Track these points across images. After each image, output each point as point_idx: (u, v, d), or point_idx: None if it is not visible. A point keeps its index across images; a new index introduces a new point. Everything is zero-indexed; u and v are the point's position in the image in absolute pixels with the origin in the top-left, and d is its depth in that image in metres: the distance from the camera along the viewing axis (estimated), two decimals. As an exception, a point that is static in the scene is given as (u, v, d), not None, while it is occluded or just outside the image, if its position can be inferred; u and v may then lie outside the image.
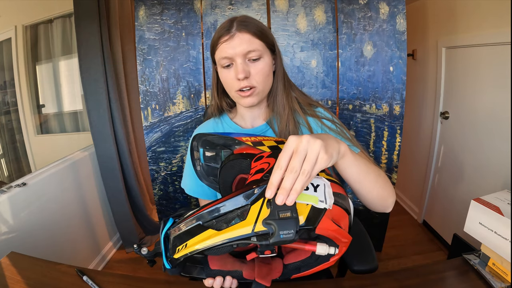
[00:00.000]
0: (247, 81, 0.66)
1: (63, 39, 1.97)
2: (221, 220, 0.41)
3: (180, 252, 0.42)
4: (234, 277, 0.51)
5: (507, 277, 0.59)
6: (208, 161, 0.63)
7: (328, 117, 0.74)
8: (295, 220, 0.37)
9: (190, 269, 0.51)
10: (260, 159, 0.50)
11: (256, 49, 0.65)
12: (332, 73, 1.41)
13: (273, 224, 0.37)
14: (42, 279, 0.67)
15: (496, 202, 0.62)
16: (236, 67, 0.65)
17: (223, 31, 0.65)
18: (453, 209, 1.71)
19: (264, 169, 0.46)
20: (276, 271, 0.52)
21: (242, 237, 0.39)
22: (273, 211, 0.38)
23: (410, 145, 2.21)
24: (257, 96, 0.69)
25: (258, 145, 0.55)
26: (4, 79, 1.98)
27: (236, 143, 0.58)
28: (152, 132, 1.48)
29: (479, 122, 1.50)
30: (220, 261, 0.51)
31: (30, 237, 1.24)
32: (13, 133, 2.08)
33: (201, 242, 0.40)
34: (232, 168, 0.55)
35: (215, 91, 0.78)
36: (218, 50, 0.66)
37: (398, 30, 1.35)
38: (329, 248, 0.43)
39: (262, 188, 0.42)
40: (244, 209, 0.41)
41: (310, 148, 0.39)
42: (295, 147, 0.40)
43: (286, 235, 0.37)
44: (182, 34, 1.39)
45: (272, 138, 0.59)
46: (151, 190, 2.06)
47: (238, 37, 0.64)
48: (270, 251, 0.43)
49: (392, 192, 0.60)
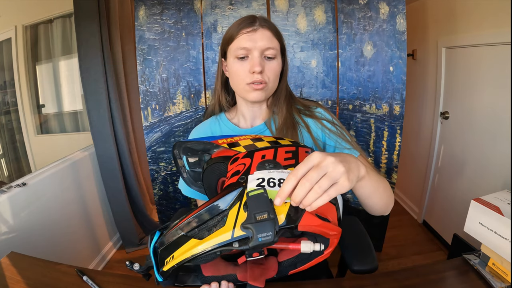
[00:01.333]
0: (260, 75, 0.66)
1: (63, 39, 1.97)
2: (203, 228, 0.41)
3: (168, 264, 0.41)
4: (229, 281, 0.50)
5: (507, 277, 0.59)
6: (193, 167, 0.63)
7: (328, 118, 0.74)
8: (273, 221, 0.36)
9: (183, 278, 0.51)
10: (235, 160, 0.49)
11: (274, 47, 0.67)
12: (332, 73, 1.41)
13: (250, 228, 0.36)
14: (42, 279, 0.67)
15: (496, 202, 0.62)
16: (252, 60, 0.66)
17: (245, 23, 0.66)
18: (453, 209, 1.71)
19: (240, 171, 0.46)
20: (271, 270, 0.51)
21: (223, 243, 0.38)
22: (250, 214, 0.37)
23: (410, 145, 2.21)
24: (266, 92, 0.70)
25: (234, 146, 0.55)
26: (4, 79, 1.98)
27: (214, 147, 0.58)
28: (152, 132, 1.48)
29: (479, 122, 1.50)
30: (213, 267, 0.51)
31: (30, 237, 1.24)
32: (13, 133, 2.08)
33: (186, 252, 0.40)
34: (213, 172, 0.55)
35: (219, 86, 0.78)
36: (237, 40, 0.67)
37: (398, 30, 1.35)
38: (314, 245, 0.42)
39: (237, 192, 0.41)
40: (223, 215, 0.40)
41: (334, 169, 0.38)
42: (317, 162, 0.38)
43: (264, 237, 0.36)
44: (182, 34, 1.39)
45: (249, 136, 0.58)
46: (151, 190, 2.06)
47: (261, 32, 0.66)
48: (258, 253, 0.42)
49: (393, 198, 0.61)
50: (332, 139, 0.71)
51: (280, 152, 0.50)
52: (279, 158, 0.48)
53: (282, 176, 0.43)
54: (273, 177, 0.42)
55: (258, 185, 0.41)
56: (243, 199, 0.40)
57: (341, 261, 0.87)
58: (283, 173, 0.43)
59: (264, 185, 0.41)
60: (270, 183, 0.41)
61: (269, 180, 0.42)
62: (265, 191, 0.39)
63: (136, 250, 1.86)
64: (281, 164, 0.46)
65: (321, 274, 0.85)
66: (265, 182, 0.41)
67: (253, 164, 0.46)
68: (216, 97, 0.79)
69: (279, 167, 0.45)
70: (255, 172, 0.44)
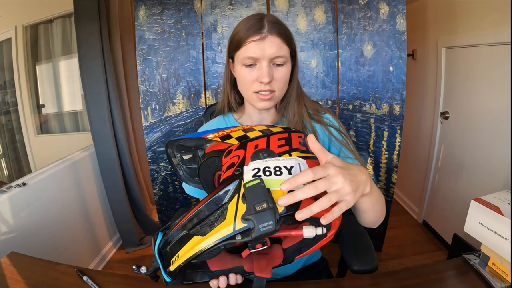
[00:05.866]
0: (269, 85, 0.64)
1: (63, 39, 1.97)
2: (205, 224, 0.41)
3: (174, 264, 0.41)
4: (236, 273, 0.50)
5: (507, 277, 0.59)
6: (188, 164, 0.63)
7: (335, 125, 0.73)
8: (272, 210, 0.36)
9: (191, 276, 0.51)
10: (229, 153, 0.49)
11: (283, 55, 0.64)
12: (332, 73, 1.41)
13: (251, 219, 0.36)
14: (42, 279, 0.67)
15: (496, 202, 0.62)
16: (261, 70, 0.63)
17: (253, 30, 0.62)
18: (453, 209, 1.71)
19: (234, 163, 0.45)
20: (276, 258, 0.51)
21: (226, 237, 0.38)
22: (249, 205, 0.37)
23: (410, 145, 2.21)
24: (274, 101, 0.68)
25: (226, 138, 0.55)
26: (4, 79, 1.98)
27: (206, 142, 0.57)
28: (152, 132, 1.48)
29: (479, 122, 1.50)
30: (219, 261, 0.51)
31: (30, 237, 1.24)
32: (13, 133, 2.08)
33: (190, 250, 0.40)
34: (208, 167, 0.55)
35: (227, 86, 0.76)
36: (244, 48, 0.63)
37: (398, 30, 1.35)
38: (316, 229, 0.41)
39: (235, 184, 0.41)
40: (223, 209, 0.40)
41: (343, 186, 0.39)
42: (333, 174, 0.40)
43: (266, 227, 0.36)
44: (182, 34, 1.39)
45: (240, 128, 0.58)
46: (151, 190, 2.06)
47: (270, 40, 0.62)
48: (260, 244, 0.42)
49: (384, 215, 0.60)
50: (337, 147, 0.71)
51: (273, 140, 0.49)
52: (272, 146, 0.48)
53: (277, 164, 0.42)
54: (268, 165, 0.42)
55: (254, 175, 0.41)
56: (240, 191, 0.40)
57: (341, 261, 0.87)
58: (278, 160, 0.43)
59: (260, 174, 0.41)
60: (266, 172, 0.41)
61: (265, 169, 0.42)
62: (262, 180, 0.39)
63: (136, 250, 1.86)
64: (275, 152, 0.46)
65: (321, 274, 0.85)
66: (261, 172, 0.41)
67: (247, 154, 0.46)
68: (226, 97, 0.78)
69: (273, 155, 0.45)
70: (249, 162, 0.44)
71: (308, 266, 0.86)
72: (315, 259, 0.88)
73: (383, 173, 1.52)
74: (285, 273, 0.81)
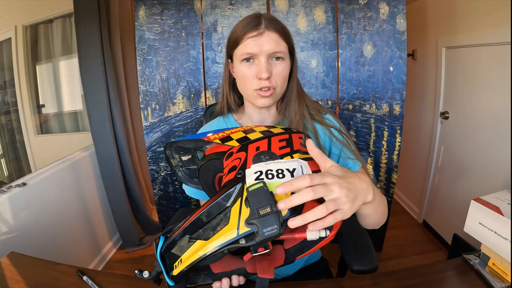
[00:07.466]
0: (268, 81, 0.64)
1: (63, 39, 1.97)
2: (207, 228, 0.40)
3: (177, 268, 0.41)
4: (239, 274, 0.50)
5: (507, 277, 0.59)
6: (187, 165, 0.63)
7: (336, 126, 0.73)
8: (276, 214, 0.36)
9: (194, 279, 0.51)
10: (230, 156, 0.49)
11: (281, 51, 0.64)
12: (332, 73, 1.41)
13: (255, 223, 0.36)
14: (42, 279, 0.67)
15: (496, 202, 0.62)
16: (259, 65, 0.63)
17: (250, 26, 0.62)
18: (453, 209, 1.71)
19: (236, 166, 0.45)
20: (278, 258, 0.51)
21: (230, 241, 0.38)
22: (252, 209, 0.37)
23: (410, 145, 2.21)
24: (274, 97, 0.68)
25: (226, 140, 0.54)
26: (4, 79, 1.98)
27: (206, 143, 0.57)
28: (152, 132, 1.48)
29: (479, 122, 1.50)
30: (221, 263, 0.51)
31: (30, 237, 1.24)
32: (13, 133, 2.08)
33: (193, 254, 0.39)
34: (208, 169, 0.55)
35: (226, 87, 0.76)
36: (242, 45, 0.63)
37: (398, 30, 1.35)
38: (319, 232, 0.41)
39: (237, 188, 0.40)
40: (226, 212, 0.40)
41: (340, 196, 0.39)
42: (332, 183, 0.39)
43: (270, 231, 0.36)
44: (182, 34, 1.39)
45: (240, 129, 0.58)
46: (151, 190, 2.06)
47: (267, 35, 0.62)
48: (263, 248, 0.42)
49: (386, 217, 0.60)
50: (337, 147, 0.71)
51: (274, 142, 0.49)
52: (273, 148, 0.48)
53: (279, 167, 0.42)
54: (271, 168, 0.42)
55: (257, 178, 0.41)
56: (243, 195, 0.39)
57: (341, 261, 0.87)
58: (280, 163, 0.43)
59: (263, 178, 0.41)
60: (268, 175, 0.41)
61: (267, 172, 0.42)
62: (265, 184, 0.38)
63: (136, 250, 1.86)
64: (277, 154, 0.46)
65: (321, 274, 0.85)
66: (263, 175, 0.41)
67: (249, 157, 0.46)
68: (225, 98, 0.77)
69: (275, 158, 0.45)
70: (251, 165, 0.44)
71: (308, 266, 0.86)
72: (315, 259, 0.88)
73: (383, 173, 1.52)
74: (286, 273, 0.81)
